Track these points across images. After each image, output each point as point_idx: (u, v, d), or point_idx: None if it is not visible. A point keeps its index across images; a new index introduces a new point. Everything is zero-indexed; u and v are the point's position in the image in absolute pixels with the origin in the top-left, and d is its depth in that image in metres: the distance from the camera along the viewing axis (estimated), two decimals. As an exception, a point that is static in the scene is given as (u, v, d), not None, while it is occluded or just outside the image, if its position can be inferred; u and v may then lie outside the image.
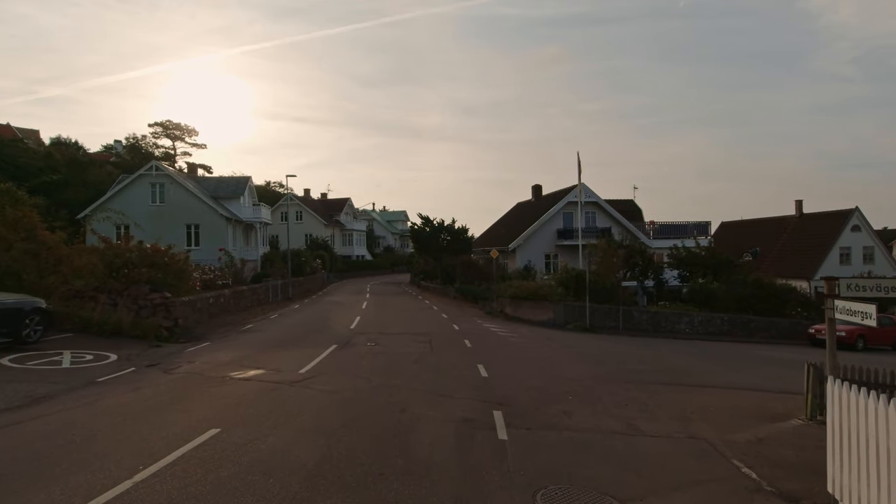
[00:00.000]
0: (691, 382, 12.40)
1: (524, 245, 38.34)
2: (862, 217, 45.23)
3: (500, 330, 20.88)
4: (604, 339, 21.07)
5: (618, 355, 16.16)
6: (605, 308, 25.57)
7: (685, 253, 33.16)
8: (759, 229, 51.24)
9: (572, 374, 12.23)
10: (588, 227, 37.47)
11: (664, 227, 41.17)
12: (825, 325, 24.87)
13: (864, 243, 45.18)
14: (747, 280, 29.06)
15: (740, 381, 13.28)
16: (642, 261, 32.24)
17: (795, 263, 44.33)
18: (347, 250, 73.88)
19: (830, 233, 44.81)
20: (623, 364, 14.38)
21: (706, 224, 41.88)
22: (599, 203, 39.54)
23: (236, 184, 46.33)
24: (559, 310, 24.72)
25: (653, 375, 12.97)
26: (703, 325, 27.01)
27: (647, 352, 17.94)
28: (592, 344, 18.98)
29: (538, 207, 42.68)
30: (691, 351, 19.72)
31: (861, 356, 22.53)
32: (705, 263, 31.87)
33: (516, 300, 26.08)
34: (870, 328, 25.69)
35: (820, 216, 47.44)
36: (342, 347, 14.77)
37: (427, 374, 11.38)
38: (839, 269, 43.07)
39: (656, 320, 26.47)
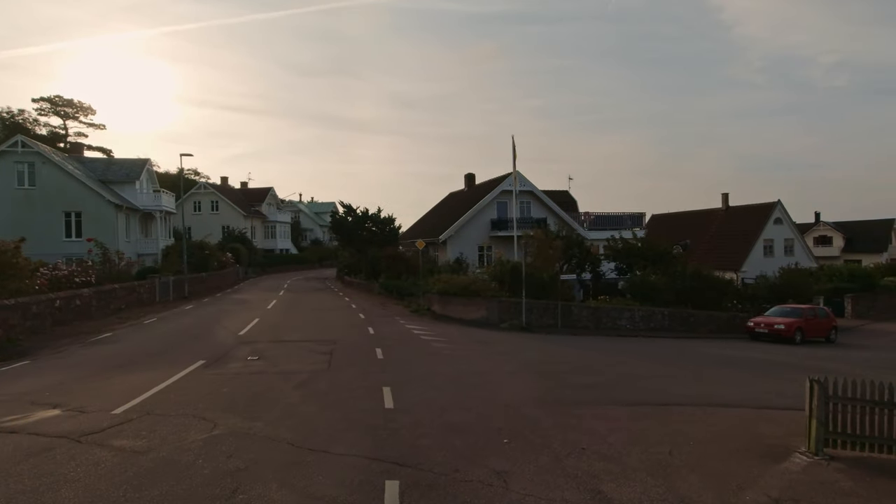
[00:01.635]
0: (655, 399, 9.90)
1: (456, 236, 35.58)
2: (783, 210, 46.14)
3: (425, 332, 17.85)
4: (543, 341, 18.56)
5: (562, 362, 13.56)
6: (543, 304, 23.20)
7: (622, 244, 31.63)
8: (689, 222, 51.47)
9: (509, 396, 9.36)
10: (523, 218, 35.30)
11: (600, 218, 39.78)
12: (763, 318, 23.67)
13: (785, 235, 46.12)
14: (686, 272, 27.75)
15: (707, 392, 11.00)
16: (580, 253, 30.39)
17: (723, 255, 44.46)
18: (270, 243, 68.40)
19: (755, 225, 45.35)
20: (570, 375, 11.74)
21: (641, 215, 40.96)
22: (535, 192, 37.45)
23: (131, 167, 40.34)
24: (493, 307, 22.07)
25: (607, 391, 10.39)
26: (644, 320, 25.31)
27: (593, 355, 15.54)
28: (531, 347, 16.36)
29: (471, 197, 40.07)
30: (639, 351, 17.59)
31: (800, 349, 21.55)
32: (643, 255, 30.40)
33: (445, 296, 23.18)
34: (807, 321, 25.20)
35: (745, 209, 48.06)
36: (210, 365, 11.16)
37: (307, 408, 8.09)
38: (763, 261, 43.60)
39: (597, 316, 24.45)
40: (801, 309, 24.79)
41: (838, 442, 7.56)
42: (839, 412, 7.54)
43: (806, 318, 24.00)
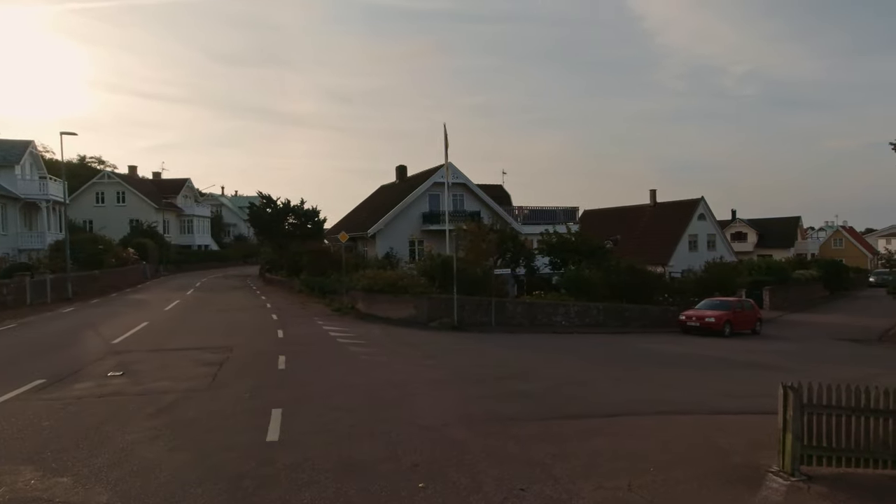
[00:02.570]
0: (601, 408, 8.56)
1: (386, 230, 33.59)
2: (706, 207, 47.72)
3: (344, 334, 15.84)
4: (476, 341, 17.08)
5: (495, 366, 12.07)
6: (476, 301, 21.78)
7: (556, 239, 30.94)
8: (618, 218, 52.23)
9: (432, 414, 7.66)
10: (456, 211, 33.89)
11: (534, 212, 39.09)
12: (695, 312, 23.47)
13: (708, 231, 47.72)
14: (620, 266, 27.34)
15: (655, 397, 9.82)
16: (514, 247, 29.32)
17: (651, 250, 45.24)
18: (186, 239, 63.15)
19: (681, 221, 46.58)
20: (504, 382, 10.23)
21: (574, 210, 40.67)
22: (468, 185, 36.14)
23: (9, 149, 35.12)
24: (422, 304, 20.37)
25: (548, 401, 8.94)
26: (579, 315, 24.52)
27: (530, 357, 14.21)
28: (462, 349, 14.81)
29: (403, 190, 38.21)
30: (577, 350, 16.51)
31: (731, 342, 21.48)
32: (577, 249, 29.84)
33: (370, 294, 21.22)
34: (735, 314, 25.39)
35: (671, 206, 49.32)
36: (48, 386, 8.71)
37: (151, 450, 5.90)
38: (689, 255, 44.88)
39: (532, 313, 23.35)
40: (730, 302, 24.93)
41: (813, 457, 6.46)
42: (814, 423, 6.45)
43: (734, 310, 24.10)
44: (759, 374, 13.37)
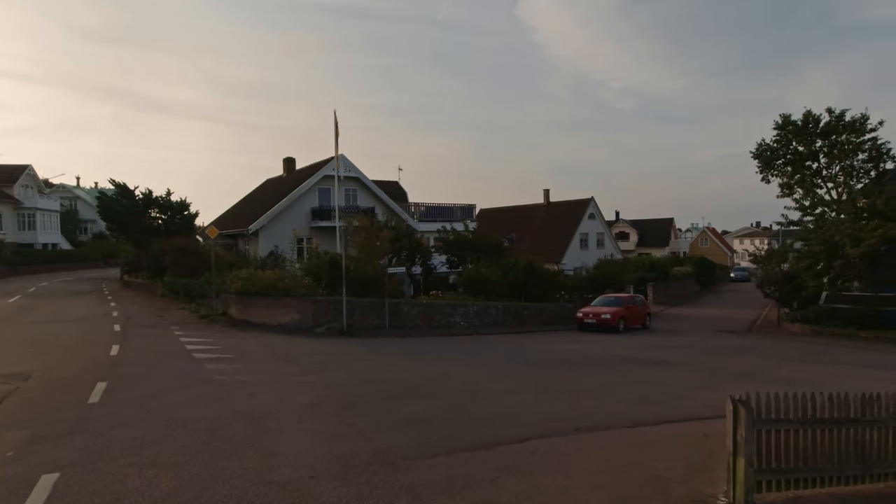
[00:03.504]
0: (513, 433, 7.03)
1: (270, 227, 30.27)
2: (596, 206, 49.53)
3: (205, 347, 13.01)
4: (366, 348, 15.05)
5: (386, 380, 10.17)
6: (368, 302, 19.74)
7: (454, 236, 29.77)
8: (514, 217, 52.70)
9: (295, 466, 5.55)
10: (349, 206, 31.47)
11: (431, 209, 37.72)
12: (591, 308, 23.36)
13: (597, 230, 49.56)
14: (519, 264, 26.72)
15: (568, 409, 8.55)
16: (410, 244, 27.64)
17: (545, 248, 45.98)
18: (27, 236, 53.72)
19: (573, 220, 47.88)
20: (395, 403, 8.37)
21: (472, 207, 39.98)
22: (362, 180, 33.83)
23: None
24: (306, 307, 17.89)
25: (450, 428, 7.25)
26: (478, 315, 23.39)
27: (427, 365, 12.50)
28: (349, 359, 12.73)
29: (291, 183, 34.91)
30: (479, 354, 15.11)
31: (625, 338, 21.54)
32: (475, 247, 28.87)
33: (246, 297, 18.32)
34: (628, 310, 25.77)
35: (564, 205, 50.62)
36: None
37: None
38: (580, 253, 46.27)
39: (429, 314, 21.77)
40: (623, 298, 25.24)
41: (763, 483, 5.38)
42: (763, 440, 5.38)
43: (627, 306, 24.38)
44: (663, 372, 12.82)
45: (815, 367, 14.42)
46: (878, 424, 5.94)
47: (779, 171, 38.33)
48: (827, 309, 23.84)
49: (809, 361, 15.40)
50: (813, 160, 37.37)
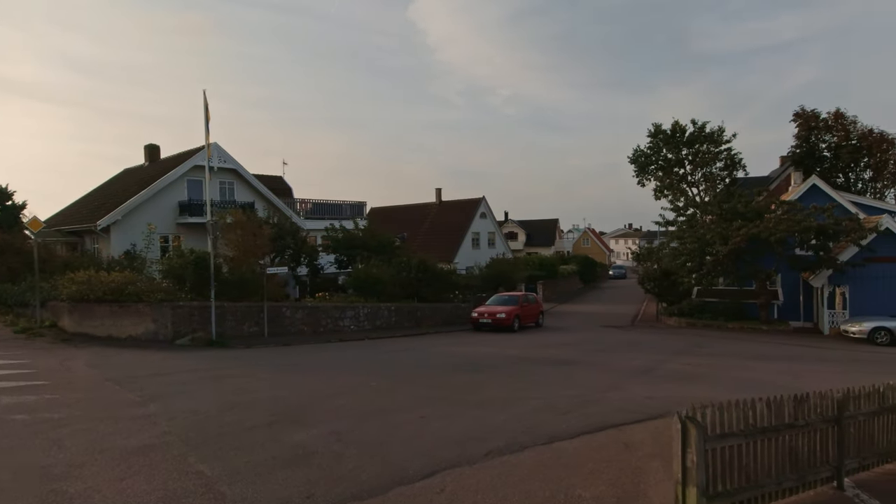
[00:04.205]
0: (415, 468, 5.71)
1: (125, 222, 26.04)
2: (487, 206, 49.97)
3: (8, 373, 10.04)
4: (239, 361, 12.84)
5: (253, 405, 8.28)
6: (244, 307, 17.33)
7: (343, 234, 27.85)
8: (406, 215, 51.62)
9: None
10: (225, 201, 28.18)
11: (319, 206, 35.29)
12: (486, 308, 22.84)
13: (488, 229, 50.03)
14: (412, 263, 25.54)
15: (476, 424, 7.40)
16: (295, 243, 25.31)
17: (438, 247, 45.40)
18: None
19: (465, 219, 47.83)
20: (267, 436, 6.62)
21: (362, 204, 38.14)
22: (240, 172, 30.52)
23: None
24: (163, 315, 15.09)
25: (333, 465, 5.73)
26: (369, 318, 21.81)
27: (310, 380, 10.73)
28: (213, 378, 10.55)
29: (153, 173, 30.56)
30: (371, 362, 13.57)
31: (521, 337, 21.24)
32: (366, 245, 27.20)
33: (84, 304, 15.04)
34: (522, 308, 25.65)
35: (456, 204, 50.48)
36: None
37: None
38: (472, 252, 46.30)
39: (315, 318, 19.76)
40: (517, 296, 25.08)
41: (711, 510, 4.58)
42: (709, 461, 4.58)
43: (521, 305, 24.22)
44: (565, 372, 12.28)
45: (701, 359, 14.85)
46: (808, 428, 5.50)
47: (652, 175, 41.30)
48: (699, 303, 25.59)
49: (693, 354, 15.91)
50: (680, 166, 40.70)
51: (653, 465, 6.10)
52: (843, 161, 34.31)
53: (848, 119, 34.49)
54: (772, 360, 15.09)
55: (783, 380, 11.94)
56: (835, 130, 34.79)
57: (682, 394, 10.03)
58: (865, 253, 21.08)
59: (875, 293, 21.61)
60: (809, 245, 21.71)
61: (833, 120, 34.80)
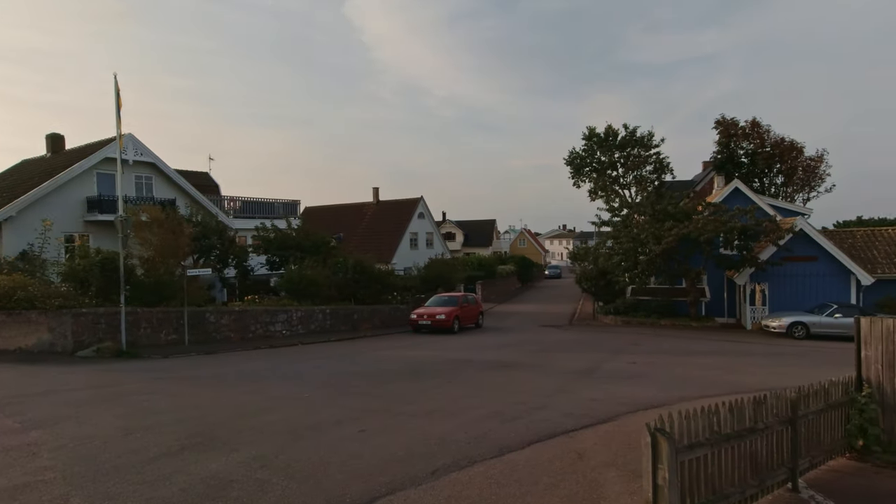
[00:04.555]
0: (351, 496, 4.98)
1: (21, 219, 23.28)
2: (425, 206, 49.46)
3: None
4: (150, 375, 11.49)
5: (167, 427, 7.22)
6: (161, 313, 15.78)
7: (275, 233, 26.39)
8: (342, 215, 50.24)
9: None
10: (142, 198, 25.94)
11: (249, 204, 33.34)
12: (425, 309, 22.30)
13: (427, 229, 49.54)
14: (348, 264, 24.54)
15: (421, 443, 6.79)
16: (222, 243, 23.62)
17: (375, 248, 44.40)
18: None
19: (403, 219, 47.08)
20: (174, 468, 5.65)
21: (296, 203, 36.47)
22: (159, 166, 28.20)
23: None
24: (64, 323, 13.36)
25: (254, 501, 4.85)
26: (303, 321, 20.66)
27: (231, 394, 9.67)
28: (116, 398, 9.26)
29: (57, 165, 27.62)
30: (302, 370, 12.59)
31: (461, 339, 20.81)
32: (300, 245, 25.89)
33: (-36, 314, 13.04)
34: (462, 309, 25.26)
35: (394, 204, 49.63)
36: None
37: None
38: (410, 252, 45.63)
39: (243, 323, 18.41)
40: (457, 297, 24.68)
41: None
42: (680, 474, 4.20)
43: (461, 306, 23.84)
44: (509, 375, 11.90)
45: (639, 357, 14.99)
46: (767, 431, 5.31)
47: (587, 177, 42.34)
48: (633, 301, 26.27)
49: (631, 352, 16.07)
50: (613, 169, 41.98)
51: (609, 477, 5.72)
52: (758, 167, 36.59)
53: (763, 127, 36.86)
54: (705, 356, 15.50)
55: (718, 375, 12.18)
56: (751, 138, 37.06)
57: (626, 394, 9.90)
58: (783, 252, 22.34)
59: (791, 290, 22.98)
60: (734, 245, 22.75)
61: (750, 128, 37.05)
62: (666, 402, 9.36)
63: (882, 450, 6.71)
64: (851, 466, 6.54)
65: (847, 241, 24.18)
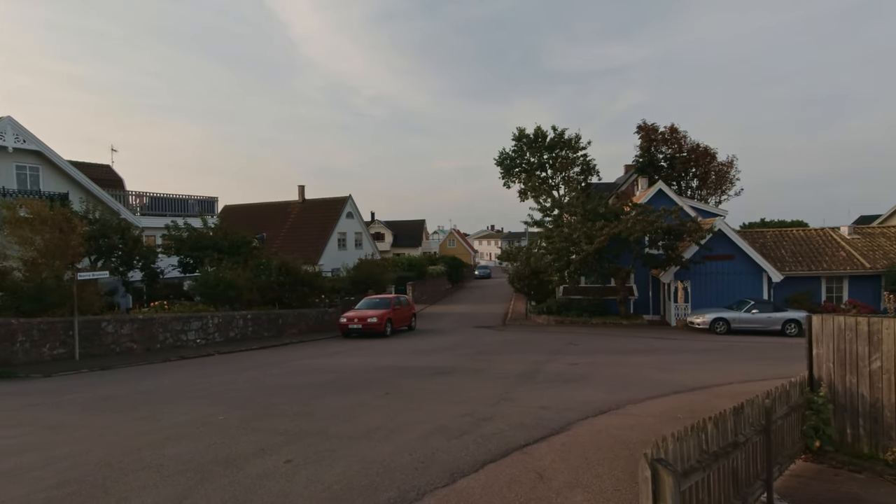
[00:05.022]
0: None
1: None
2: (354, 205, 47.84)
3: None
4: (15, 402, 9.60)
5: (23, 480, 5.74)
6: (44, 323, 13.57)
7: (189, 232, 24.09)
8: (265, 214, 47.52)
9: None
10: (27, 191, 22.77)
11: (159, 200, 30.40)
12: (356, 313, 21.16)
13: (355, 229, 47.93)
14: (272, 265, 22.81)
15: (357, 474, 5.82)
16: (124, 243, 21.14)
17: (301, 248, 42.30)
18: None
19: (330, 218, 45.25)
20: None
21: (213, 200, 33.83)
22: (47, 155, 24.89)
23: None
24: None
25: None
26: (221, 329, 18.83)
27: (118, 425, 8.15)
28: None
29: (-81, 153, 23.66)
30: (219, 383, 11.11)
31: (394, 343, 19.83)
32: (217, 246, 23.77)
33: None
34: (394, 311, 24.22)
35: (321, 202, 47.61)
36: None
37: None
38: (339, 253, 43.91)
39: (149, 332, 16.39)
40: (389, 299, 23.64)
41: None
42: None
43: (394, 308, 22.85)
44: (450, 382, 11.12)
45: (577, 357, 14.75)
46: (747, 444, 4.87)
47: (517, 177, 42.64)
48: (565, 300, 26.45)
49: (569, 353, 15.85)
50: (542, 170, 42.55)
51: (577, 501, 5.06)
52: (676, 170, 38.45)
53: (681, 133, 38.78)
54: (640, 354, 15.56)
55: (657, 374, 12.09)
56: (670, 143, 38.86)
57: (573, 399, 9.43)
58: (704, 251, 23.27)
59: (711, 287, 24.01)
60: (660, 244, 23.41)
61: (669, 133, 38.85)
62: (614, 405, 8.98)
63: (834, 449, 6.59)
64: (811, 469, 6.35)
65: (759, 241, 25.68)
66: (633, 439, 7.07)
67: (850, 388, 6.60)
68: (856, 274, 23.75)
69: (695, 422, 4.17)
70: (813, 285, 24.20)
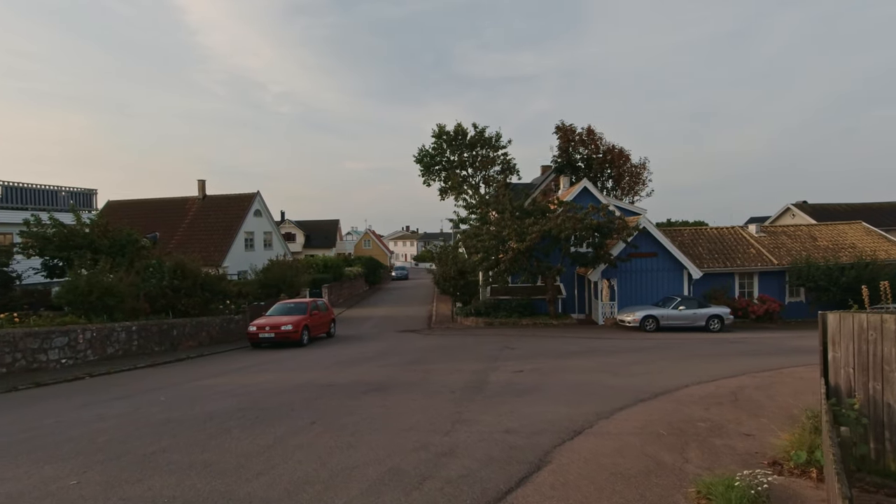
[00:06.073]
0: None
1: None
2: (262, 202, 44.15)
3: None
4: None
5: None
6: None
7: (56, 229, 20.17)
8: (159, 211, 42.49)
9: None
10: None
11: (16, 191, 25.52)
12: (267, 320, 18.74)
13: (264, 229, 44.23)
14: (164, 267, 19.57)
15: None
16: (-34, 240, 17.08)
17: (203, 249, 38.12)
18: None
19: (236, 217, 41.32)
20: None
21: (91, 193, 29.21)
22: None
23: None
24: None
25: None
26: (95, 345, 15.55)
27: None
28: None
29: None
30: (83, 423, 8.45)
31: (314, 353, 17.55)
32: (94, 246, 20.07)
33: None
34: (312, 318, 21.74)
35: (224, 199, 43.37)
36: None
37: None
38: (246, 254, 40.19)
39: (-8, 354, 12.91)
40: (305, 304, 21.23)
41: None
42: None
43: (311, 313, 20.52)
44: (386, 403, 9.31)
45: (521, 363, 13.54)
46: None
47: (437, 175, 41.33)
48: (493, 301, 25.41)
49: (509, 358, 14.64)
50: (462, 168, 41.57)
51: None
52: (593, 171, 39.10)
53: (597, 135, 39.52)
54: (581, 357, 14.70)
55: (610, 380, 11.12)
56: (587, 144, 39.48)
57: (536, 416, 8.04)
58: (629, 249, 23.21)
59: (636, 285, 24.07)
60: (589, 242, 23.03)
61: (586, 135, 39.45)
62: (585, 422, 7.70)
63: (867, 471, 5.68)
64: (862, 500, 5.36)
65: (678, 239, 26.25)
66: (630, 469, 5.75)
67: (874, 397, 5.71)
68: (765, 270, 24.89)
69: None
70: (727, 281, 25.07)
